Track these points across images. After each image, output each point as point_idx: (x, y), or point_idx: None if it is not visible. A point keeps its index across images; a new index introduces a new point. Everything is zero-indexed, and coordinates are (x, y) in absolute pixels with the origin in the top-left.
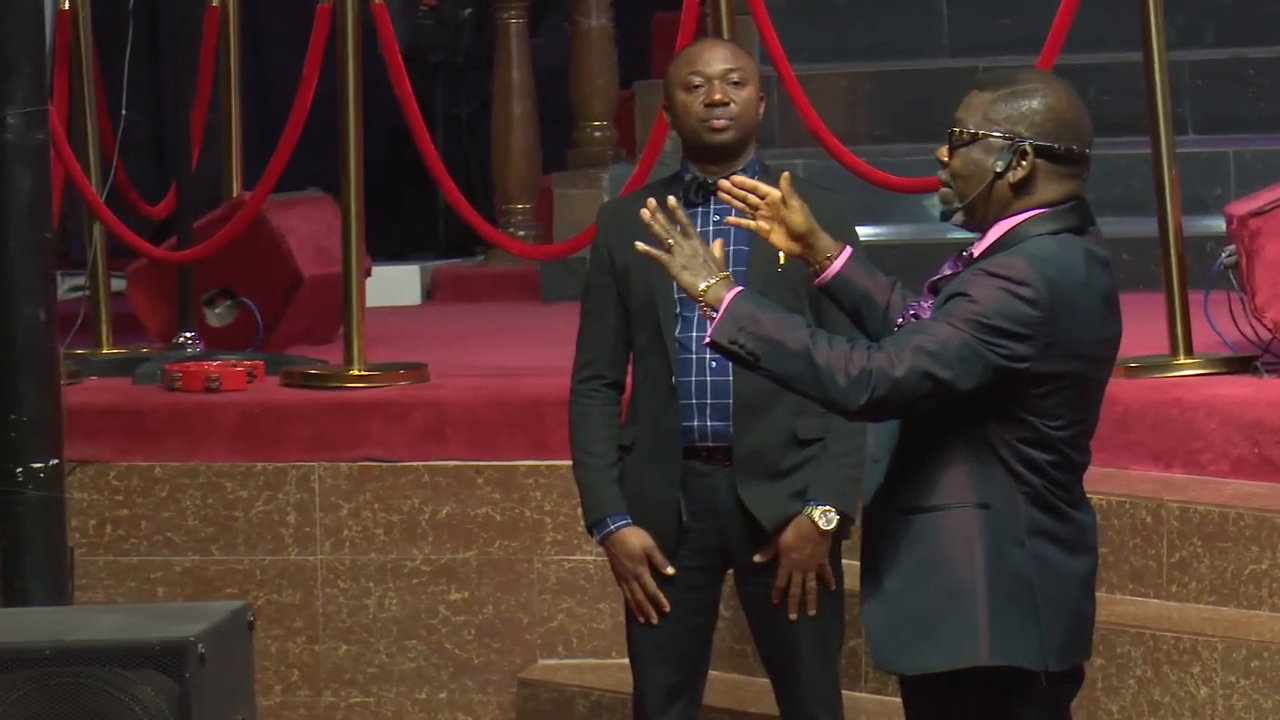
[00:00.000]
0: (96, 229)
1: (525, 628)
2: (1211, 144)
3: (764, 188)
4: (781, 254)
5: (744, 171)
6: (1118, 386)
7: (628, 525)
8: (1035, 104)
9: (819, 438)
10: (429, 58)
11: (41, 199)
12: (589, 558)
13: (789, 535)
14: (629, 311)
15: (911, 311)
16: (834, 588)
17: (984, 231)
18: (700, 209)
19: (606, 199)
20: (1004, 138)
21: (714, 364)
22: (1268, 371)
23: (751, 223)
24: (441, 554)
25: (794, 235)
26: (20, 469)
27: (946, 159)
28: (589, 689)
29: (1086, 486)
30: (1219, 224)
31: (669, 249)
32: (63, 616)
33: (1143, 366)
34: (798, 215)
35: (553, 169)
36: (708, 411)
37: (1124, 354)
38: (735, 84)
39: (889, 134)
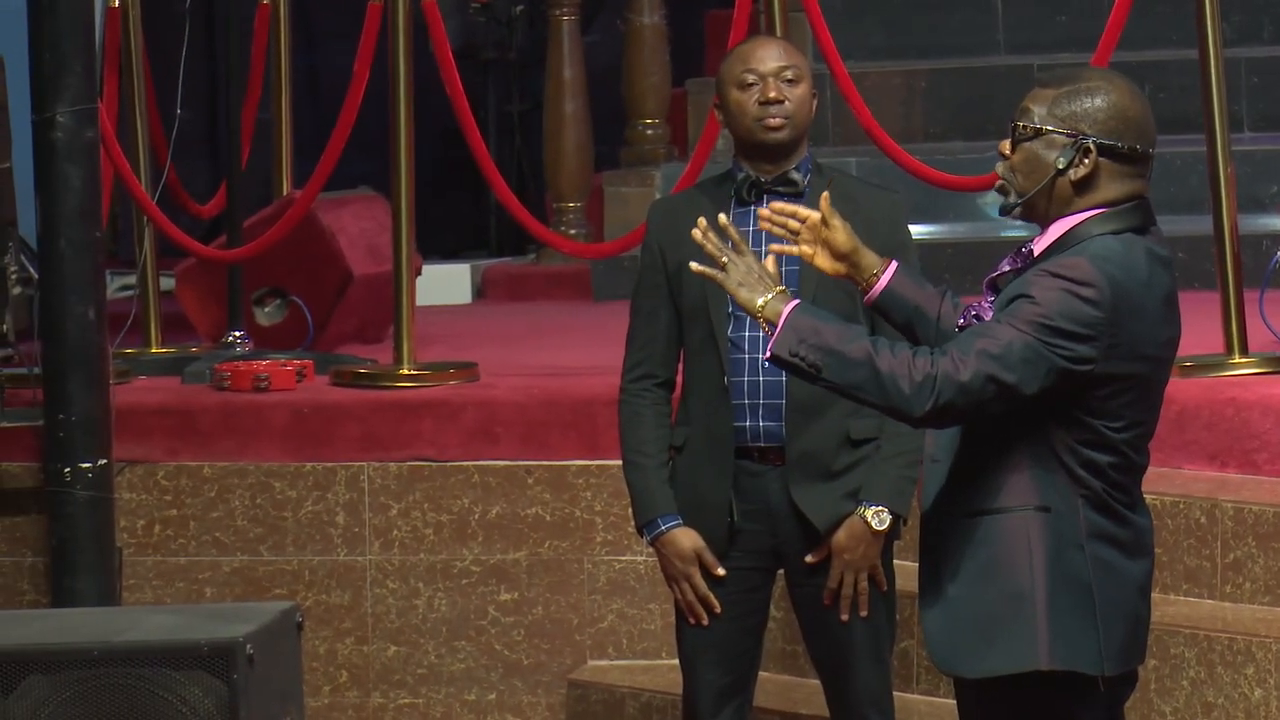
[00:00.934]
0: (146, 228)
1: (575, 628)
2: (1268, 141)
3: (803, 211)
4: None
5: (797, 170)
6: (1173, 386)
7: (678, 526)
8: (1099, 102)
9: (872, 438)
10: (481, 55)
11: (91, 198)
12: (639, 558)
13: (841, 535)
14: (680, 311)
15: (973, 312)
16: (886, 588)
17: (1044, 228)
18: (753, 207)
19: (657, 196)
20: (1067, 134)
21: (766, 364)
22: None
23: (794, 248)
24: (492, 554)
25: (838, 255)
26: (69, 469)
27: (1008, 153)
28: (639, 690)
29: (1143, 484)
30: (1275, 222)
31: (723, 267)
32: (111, 617)
33: (1198, 365)
34: (840, 235)
35: (605, 167)
36: (760, 412)
37: (1179, 353)
38: (789, 81)
39: (943, 132)
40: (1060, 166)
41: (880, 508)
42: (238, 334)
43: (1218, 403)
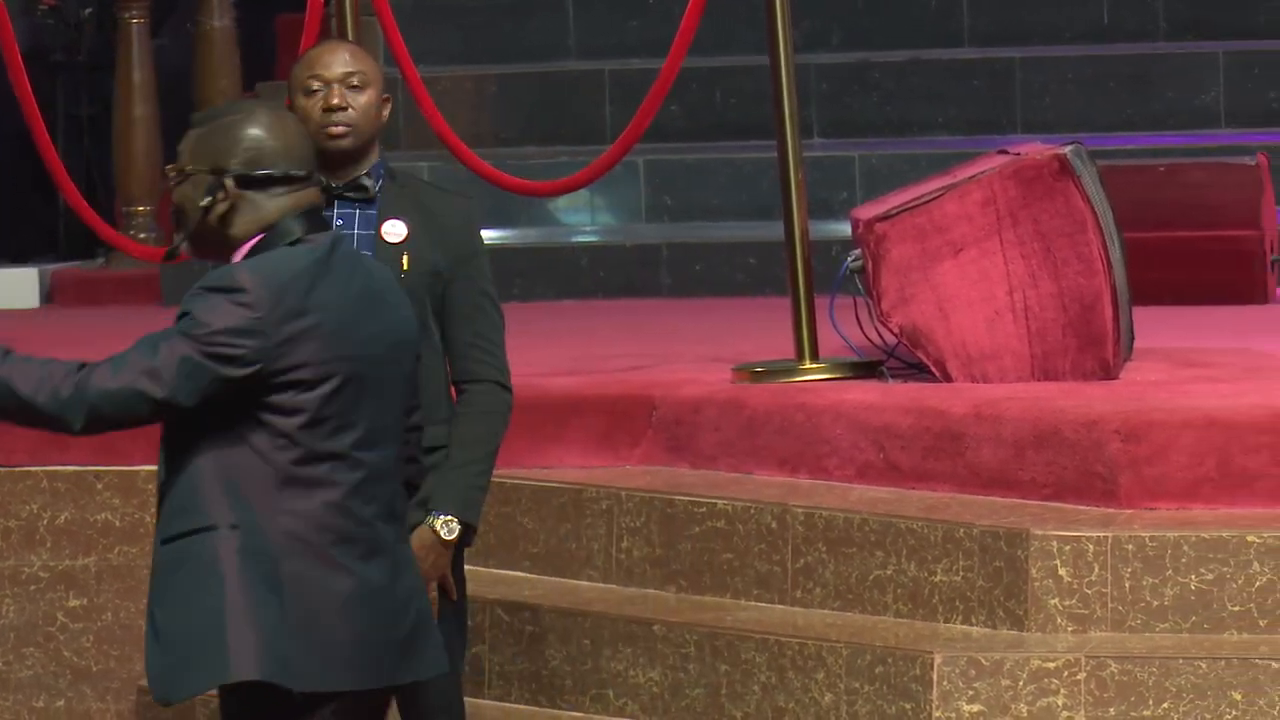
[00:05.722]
0: None
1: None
2: (838, 148)
3: None
4: (405, 258)
5: (368, 175)
6: (744, 391)
7: None
8: (235, 135)
9: (441, 446)
10: (49, 57)
11: None
12: None
13: (411, 545)
14: None
15: None
16: (455, 597)
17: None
18: (325, 212)
19: None
20: (209, 172)
21: None
22: (893, 377)
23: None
24: (60, 560)
25: None
26: None
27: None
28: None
29: (713, 490)
30: (845, 228)
31: None
32: None
33: (769, 371)
34: None
35: None
36: None
37: (750, 358)
38: (355, 88)
39: (516, 137)
40: (204, 205)
41: (449, 516)
42: None
43: (788, 408)
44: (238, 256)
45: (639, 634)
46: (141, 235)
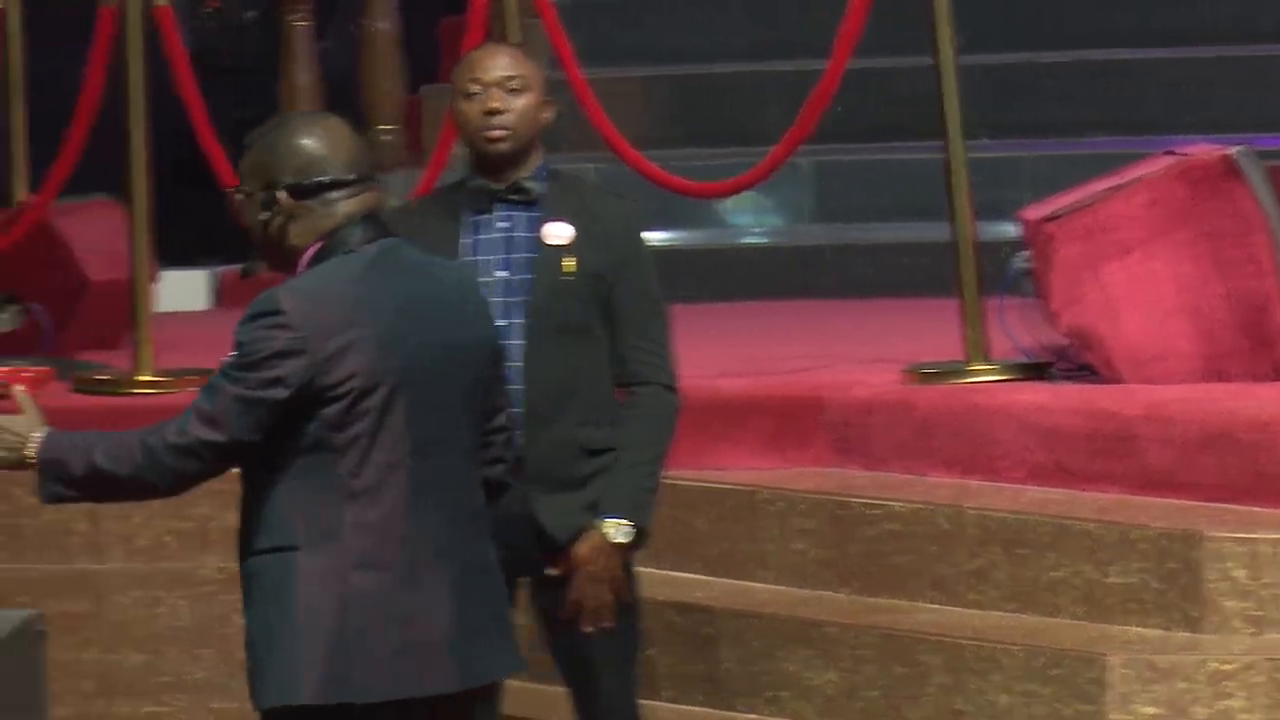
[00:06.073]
0: None
1: None
2: (1005, 149)
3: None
4: (568, 261)
5: (532, 178)
6: (915, 393)
7: None
8: (278, 149)
9: (609, 448)
10: (214, 61)
11: None
12: None
13: (582, 549)
14: None
15: None
16: (628, 600)
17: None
18: (486, 216)
19: (394, 204)
20: (262, 189)
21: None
22: (1063, 378)
23: None
24: (231, 562)
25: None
26: None
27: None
28: None
29: (885, 492)
30: (1013, 229)
31: None
32: None
33: (939, 372)
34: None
35: None
36: None
37: (919, 359)
38: (513, 91)
39: (681, 138)
40: (262, 220)
41: (620, 520)
42: None
43: (959, 409)
44: (301, 265)
45: (813, 636)
46: None
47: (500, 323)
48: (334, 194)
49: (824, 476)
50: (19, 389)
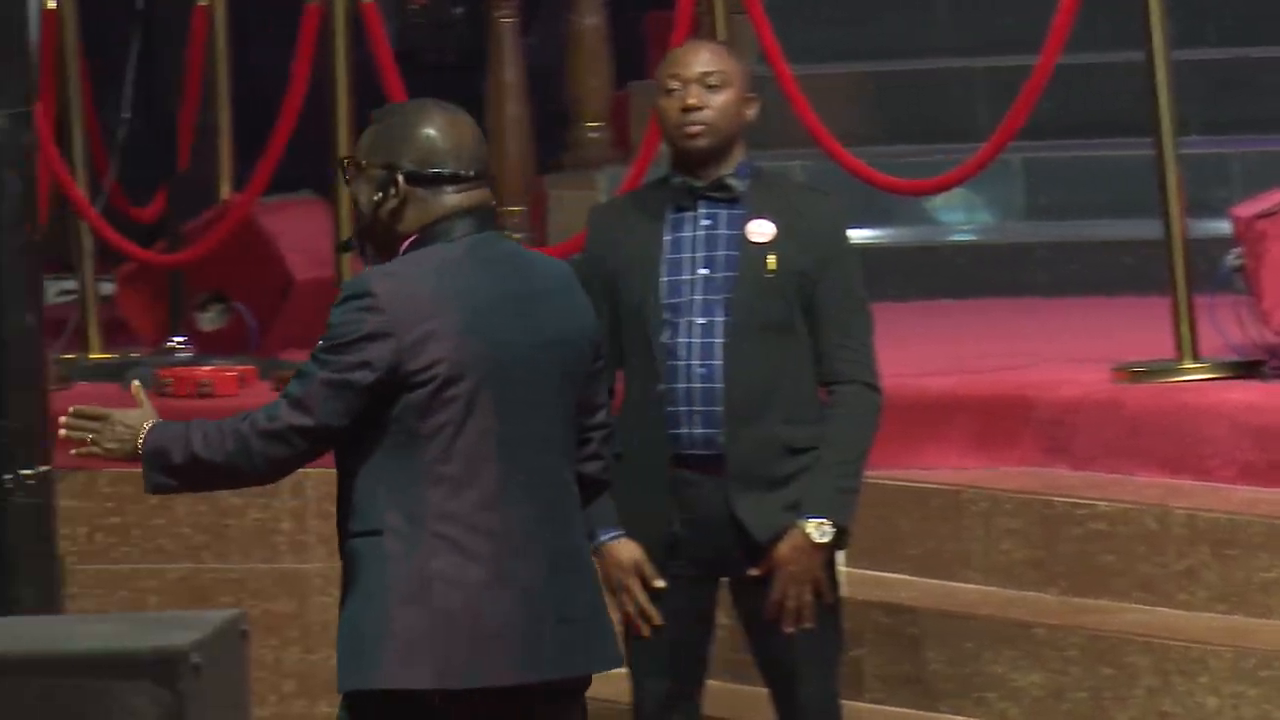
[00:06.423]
0: (85, 232)
1: None
2: (1215, 145)
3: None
4: (771, 258)
5: (734, 175)
6: (1124, 392)
7: (618, 538)
8: (406, 133)
9: (812, 447)
10: (420, 58)
11: (27, 203)
12: None
13: (783, 548)
14: (619, 316)
15: None
16: (830, 601)
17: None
18: (688, 213)
19: (602, 200)
20: (381, 169)
21: (702, 370)
22: (1274, 376)
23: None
24: None
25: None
26: (9, 476)
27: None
28: (590, 698)
29: (1092, 491)
30: (1224, 227)
31: (92, 442)
32: (53, 626)
33: (1149, 371)
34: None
35: (547, 170)
36: (697, 419)
37: (1128, 358)
38: (712, 88)
39: (889, 135)
40: (376, 200)
41: (822, 520)
42: (179, 339)
43: (1169, 408)
44: (401, 250)
45: (1020, 636)
46: (517, 236)
47: (701, 321)
48: (449, 187)
49: (1030, 476)
50: (135, 383)
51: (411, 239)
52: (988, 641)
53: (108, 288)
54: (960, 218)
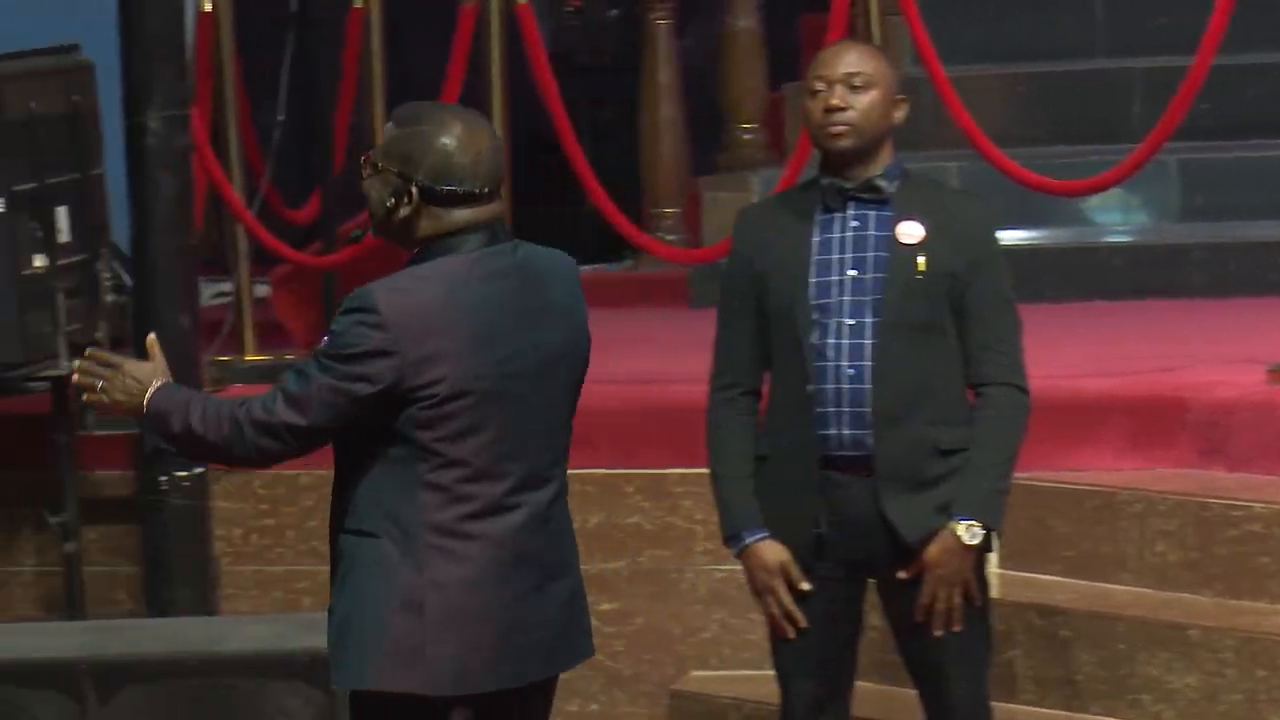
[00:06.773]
0: (240, 234)
1: (677, 639)
2: None
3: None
4: (921, 260)
5: (883, 177)
6: None
7: (763, 539)
8: (427, 145)
9: (962, 448)
10: (574, 59)
11: (183, 204)
12: (739, 567)
13: (933, 550)
14: (767, 317)
15: None
16: (980, 603)
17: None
18: (837, 215)
19: (754, 200)
20: (397, 175)
21: (851, 371)
22: None
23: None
24: (592, 564)
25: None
26: (165, 478)
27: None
28: (741, 700)
29: (1248, 493)
30: None
31: (102, 390)
32: (208, 626)
33: None
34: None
35: (701, 172)
36: (845, 420)
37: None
38: (856, 89)
39: (1043, 136)
40: (389, 205)
41: (972, 522)
42: None
43: None
44: (411, 256)
45: (1174, 639)
46: (670, 238)
47: (850, 322)
48: (461, 204)
49: (1185, 478)
50: (151, 336)
51: (421, 246)
52: (1141, 643)
53: (263, 290)
54: (1116, 219)
